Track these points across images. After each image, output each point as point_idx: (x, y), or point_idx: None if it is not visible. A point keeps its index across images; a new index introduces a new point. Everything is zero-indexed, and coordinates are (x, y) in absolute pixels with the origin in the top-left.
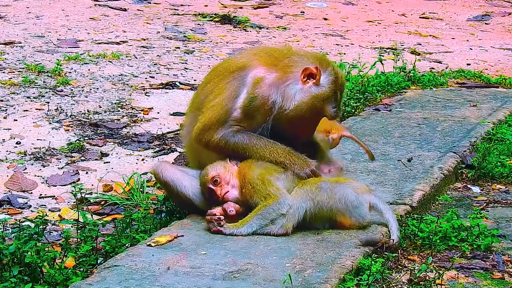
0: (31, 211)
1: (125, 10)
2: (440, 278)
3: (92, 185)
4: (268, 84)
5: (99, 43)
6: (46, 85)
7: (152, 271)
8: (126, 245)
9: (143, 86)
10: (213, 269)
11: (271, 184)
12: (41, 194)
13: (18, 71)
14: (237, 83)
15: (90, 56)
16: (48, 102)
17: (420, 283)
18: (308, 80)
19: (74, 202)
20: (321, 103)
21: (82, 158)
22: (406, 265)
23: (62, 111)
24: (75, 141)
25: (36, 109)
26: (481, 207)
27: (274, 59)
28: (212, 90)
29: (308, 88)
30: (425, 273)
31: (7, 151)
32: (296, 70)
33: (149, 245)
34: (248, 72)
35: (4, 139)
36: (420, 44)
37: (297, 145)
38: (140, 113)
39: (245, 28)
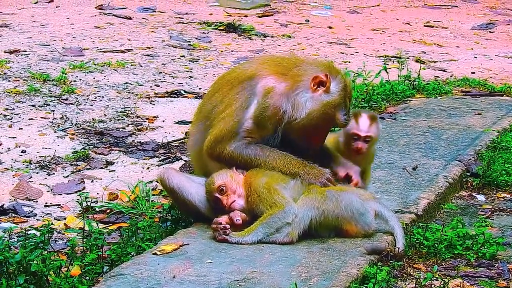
0: (37, 219)
1: (130, 18)
2: (446, 287)
3: (98, 193)
4: (279, 93)
5: (104, 52)
6: (51, 93)
7: (158, 280)
8: (132, 253)
9: (148, 95)
10: (219, 278)
11: (277, 193)
12: (46, 203)
13: (23, 80)
14: (247, 93)
15: (95, 64)
16: (53, 111)
17: None
18: (318, 88)
19: (79, 211)
20: (332, 110)
21: (88, 166)
22: (412, 273)
23: (67, 119)
24: (80, 149)
25: (41, 117)
26: (486, 215)
27: (283, 68)
28: (222, 100)
29: (318, 96)
30: (430, 281)
31: (12, 159)
32: (305, 78)
33: (155, 254)
34: (258, 81)
35: (9, 148)
36: (425, 53)
37: (308, 153)
38: (145, 121)
39: (250, 36)
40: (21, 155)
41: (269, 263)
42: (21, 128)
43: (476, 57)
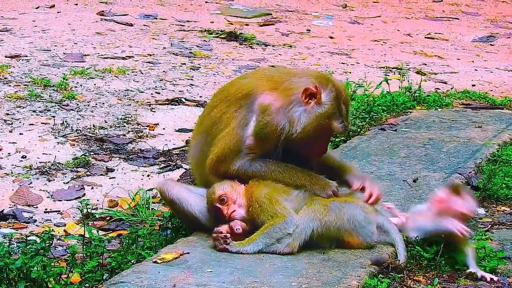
0: (36, 225)
1: (131, 25)
2: None
3: (98, 200)
4: (275, 110)
5: (105, 58)
6: (52, 99)
7: None
8: (132, 261)
9: (149, 102)
10: (219, 287)
11: (278, 203)
12: (46, 209)
13: (24, 85)
14: (245, 111)
15: (96, 70)
16: (54, 116)
17: None
18: (310, 101)
19: (79, 217)
20: (327, 120)
21: (88, 173)
22: (412, 285)
23: (67, 125)
24: (81, 156)
25: (41, 123)
26: (486, 228)
27: (276, 83)
28: (221, 118)
29: (311, 109)
30: None
31: (12, 165)
32: (297, 92)
33: (155, 262)
34: (255, 98)
35: (10, 153)
36: (426, 64)
37: (312, 164)
38: (146, 128)
39: (251, 45)
40: (21, 161)
41: (270, 273)
42: (22, 134)
43: (476, 70)
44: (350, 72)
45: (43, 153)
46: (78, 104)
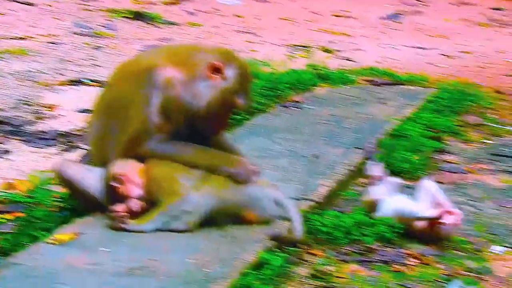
0: None
1: (32, 5)
2: (341, 271)
3: None
4: (179, 84)
5: (4, 38)
6: None
7: (53, 269)
8: (27, 243)
9: (51, 83)
10: (115, 266)
11: (176, 181)
12: None
13: None
14: (149, 87)
15: None
16: None
17: (321, 276)
18: (214, 76)
19: None
20: (231, 96)
21: None
22: (308, 259)
23: None
24: None
25: None
26: None
27: (180, 58)
28: (123, 97)
29: (215, 84)
30: (326, 266)
31: None
32: (201, 67)
33: (51, 243)
34: (158, 74)
35: None
36: (332, 42)
37: (211, 142)
38: (46, 110)
39: (157, 24)
40: None
41: (167, 251)
42: None
43: (382, 47)
44: (256, 51)
45: None
46: None
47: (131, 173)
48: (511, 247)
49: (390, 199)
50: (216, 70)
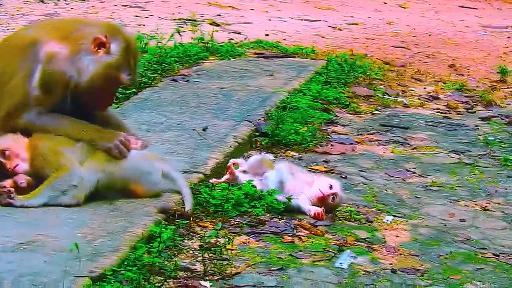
0: None
1: None
2: (231, 243)
3: None
4: (62, 58)
5: None
6: None
7: None
8: None
9: None
10: (2, 241)
11: (62, 156)
12: None
13: None
14: (31, 61)
15: None
16: None
17: (211, 248)
18: (99, 50)
19: None
20: (115, 71)
21: None
22: (198, 231)
23: None
24: None
25: None
26: None
27: (64, 32)
28: (6, 69)
29: (99, 58)
30: (216, 239)
31: None
32: (86, 41)
33: None
34: (40, 48)
35: None
36: (220, 15)
37: (97, 117)
38: None
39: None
40: None
41: (55, 226)
42: None
43: (270, 20)
44: (144, 25)
45: None
46: None
47: (16, 148)
48: (400, 217)
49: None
50: (101, 44)
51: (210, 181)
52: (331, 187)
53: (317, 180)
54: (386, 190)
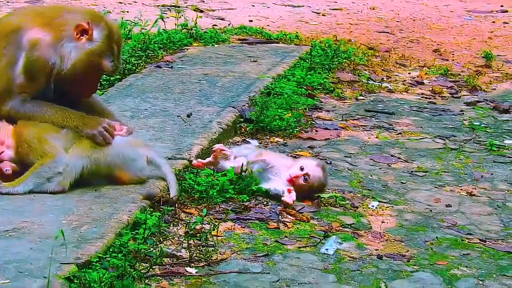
0: None
1: None
2: (216, 230)
3: None
4: (45, 45)
5: None
6: None
7: None
8: None
9: None
10: None
11: (47, 143)
12: None
13: None
14: (14, 48)
15: None
16: None
17: (197, 235)
18: (81, 37)
19: None
20: (97, 58)
21: None
22: (183, 218)
23: None
24: None
25: None
26: None
27: (47, 18)
28: None
29: (82, 45)
30: (201, 225)
31: None
32: (68, 28)
33: None
34: (23, 34)
35: None
36: (203, 1)
37: (81, 104)
38: None
39: None
40: None
41: (40, 213)
42: None
43: (254, 6)
44: (127, 12)
45: None
46: None
47: (1, 135)
48: (386, 202)
49: None
50: (84, 31)
51: (194, 162)
52: (302, 169)
53: (295, 163)
54: (371, 176)
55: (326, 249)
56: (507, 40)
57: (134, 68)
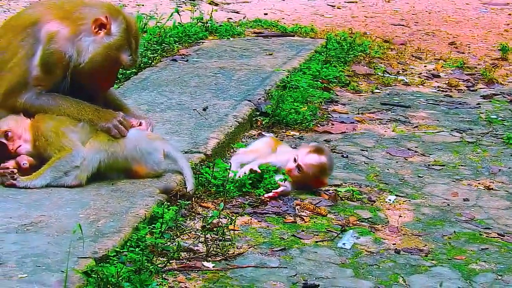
0: None
1: None
2: (233, 224)
3: None
4: (62, 38)
5: None
6: None
7: None
8: None
9: None
10: (5, 223)
11: (64, 136)
12: None
13: None
14: (32, 40)
15: None
16: None
17: (214, 229)
18: (99, 31)
19: None
20: (115, 52)
21: None
22: (200, 212)
23: None
24: None
25: None
26: None
27: (65, 12)
28: (7, 48)
29: (100, 39)
30: (218, 219)
31: None
32: (87, 21)
33: None
34: (41, 27)
35: None
36: None
37: (99, 98)
38: None
39: None
40: None
41: (58, 207)
42: None
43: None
44: (143, 5)
45: None
46: None
47: (19, 129)
48: (403, 196)
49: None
50: (102, 25)
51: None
52: (295, 160)
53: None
54: (388, 170)
55: (343, 244)
56: None
57: (149, 61)
